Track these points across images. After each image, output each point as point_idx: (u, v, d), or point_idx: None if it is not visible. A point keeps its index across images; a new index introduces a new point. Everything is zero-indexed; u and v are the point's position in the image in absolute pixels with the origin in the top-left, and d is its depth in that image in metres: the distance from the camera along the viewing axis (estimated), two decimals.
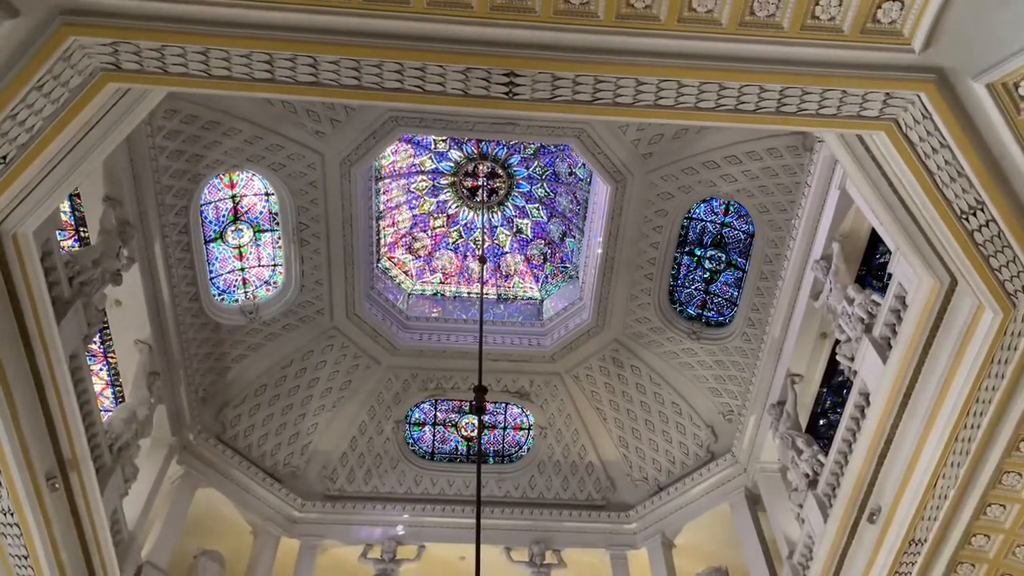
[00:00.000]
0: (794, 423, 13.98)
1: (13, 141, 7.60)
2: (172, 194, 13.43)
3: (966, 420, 9.32)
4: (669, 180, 14.86)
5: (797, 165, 13.35)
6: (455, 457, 19.30)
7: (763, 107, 7.98)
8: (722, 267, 16.35)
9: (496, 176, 18.64)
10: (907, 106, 7.69)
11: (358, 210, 15.72)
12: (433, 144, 18.04)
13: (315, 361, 17.39)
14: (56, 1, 6.87)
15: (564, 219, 19.22)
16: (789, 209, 13.87)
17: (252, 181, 15.46)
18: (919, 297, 9.48)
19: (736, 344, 16.03)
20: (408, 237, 19.65)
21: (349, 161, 14.75)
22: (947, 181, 8.11)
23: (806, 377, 14.46)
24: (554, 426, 18.77)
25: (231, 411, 16.62)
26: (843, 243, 12.44)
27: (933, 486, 9.85)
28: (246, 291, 16.45)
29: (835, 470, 11.88)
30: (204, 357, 15.68)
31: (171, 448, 15.00)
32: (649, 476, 17.98)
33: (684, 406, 17.39)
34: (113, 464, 12.16)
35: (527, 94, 7.91)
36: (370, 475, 18.24)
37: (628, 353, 17.63)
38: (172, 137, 12.88)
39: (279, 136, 14.09)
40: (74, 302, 10.52)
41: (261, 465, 16.99)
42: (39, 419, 9.93)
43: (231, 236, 15.83)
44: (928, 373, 9.63)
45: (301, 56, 7.48)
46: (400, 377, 18.39)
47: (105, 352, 14.58)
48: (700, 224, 16.11)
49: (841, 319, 11.74)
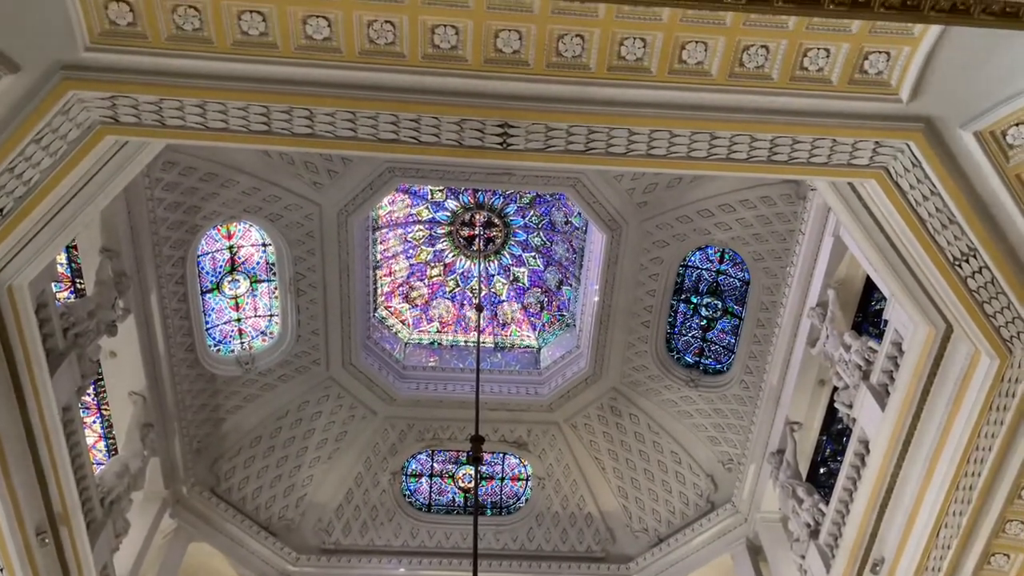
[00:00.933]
0: (794, 472, 13.85)
1: (10, 194, 7.65)
2: (169, 245, 13.47)
3: (967, 468, 9.24)
4: (664, 228, 14.94)
5: (791, 213, 13.45)
6: (452, 509, 19.04)
7: (755, 156, 8.07)
8: (719, 314, 16.36)
9: (492, 225, 18.75)
10: (897, 154, 7.78)
11: (355, 260, 15.76)
12: (430, 194, 18.18)
13: (311, 412, 17.25)
14: (56, 57, 6.97)
15: (560, 267, 19.28)
16: (784, 256, 13.93)
17: (249, 232, 15.53)
18: (915, 344, 9.47)
19: (734, 392, 15.96)
20: (405, 286, 19.67)
21: (346, 211, 14.84)
22: (939, 228, 8.17)
23: (805, 425, 14.36)
24: (552, 476, 18.55)
25: (225, 463, 16.43)
26: (838, 290, 12.48)
27: (936, 536, 9.71)
28: (242, 342, 16.40)
29: (837, 519, 11.73)
30: (199, 408, 15.56)
31: (164, 501, 14.80)
32: (649, 527, 17.72)
33: (683, 455, 17.22)
34: (104, 518, 11.97)
35: (521, 144, 8.01)
36: (366, 528, 17.97)
37: (626, 401, 17.52)
38: (170, 189, 12.97)
39: (277, 187, 14.19)
40: (68, 354, 10.47)
41: (255, 518, 16.73)
42: (30, 472, 9.80)
43: (228, 287, 15.84)
44: (927, 420, 9.58)
45: (297, 108, 7.57)
46: (396, 427, 18.23)
47: (99, 404, 14.46)
48: (696, 272, 16.16)
49: (838, 366, 11.70)
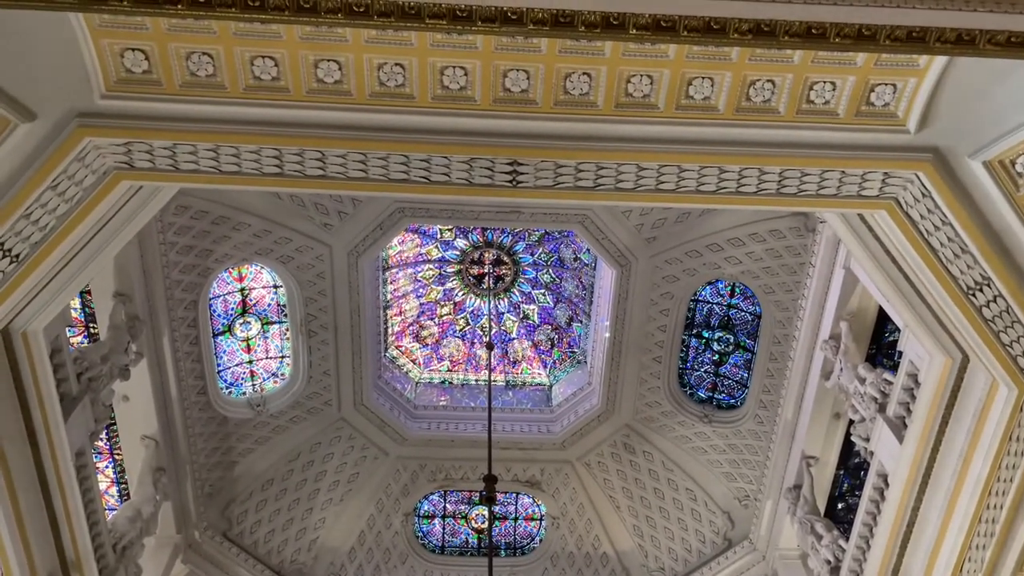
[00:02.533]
0: (812, 507, 13.65)
1: (27, 240, 7.73)
2: (181, 288, 13.55)
3: (988, 500, 9.07)
4: (674, 263, 14.95)
5: (801, 246, 13.44)
6: (466, 550, 18.82)
7: (764, 189, 8.10)
8: (731, 349, 16.28)
9: (502, 263, 18.80)
10: (906, 185, 7.80)
11: (365, 300, 15.81)
12: (439, 233, 18.28)
13: (323, 453, 17.16)
14: (72, 105, 7.09)
15: (570, 304, 19.28)
16: (795, 289, 13.89)
17: (261, 274, 15.61)
18: (932, 375, 9.38)
19: (749, 427, 15.80)
20: (415, 325, 19.69)
21: (357, 252, 14.92)
22: (951, 257, 8.14)
23: (822, 459, 14.18)
24: (567, 516, 18.33)
25: (238, 507, 16.32)
26: (851, 322, 12.41)
27: (960, 570, 9.51)
28: (254, 384, 16.39)
29: (857, 555, 11.52)
30: (211, 452, 15.51)
31: (176, 547, 14.68)
32: (666, 566, 17.43)
33: (699, 492, 17.01)
34: (117, 564, 11.87)
35: (530, 182, 8.07)
36: (379, 571, 17.75)
37: (639, 438, 17.37)
38: (182, 233, 13.08)
39: (287, 229, 14.29)
40: (82, 398, 10.49)
41: (268, 563, 16.57)
42: (43, 518, 9.77)
43: (239, 329, 15.89)
44: (946, 452, 9.45)
45: (309, 150, 7.67)
46: (408, 468, 18.09)
47: (111, 448, 14.43)
48: (707, 306, 16.13)
49: (854, 399, 11.59)
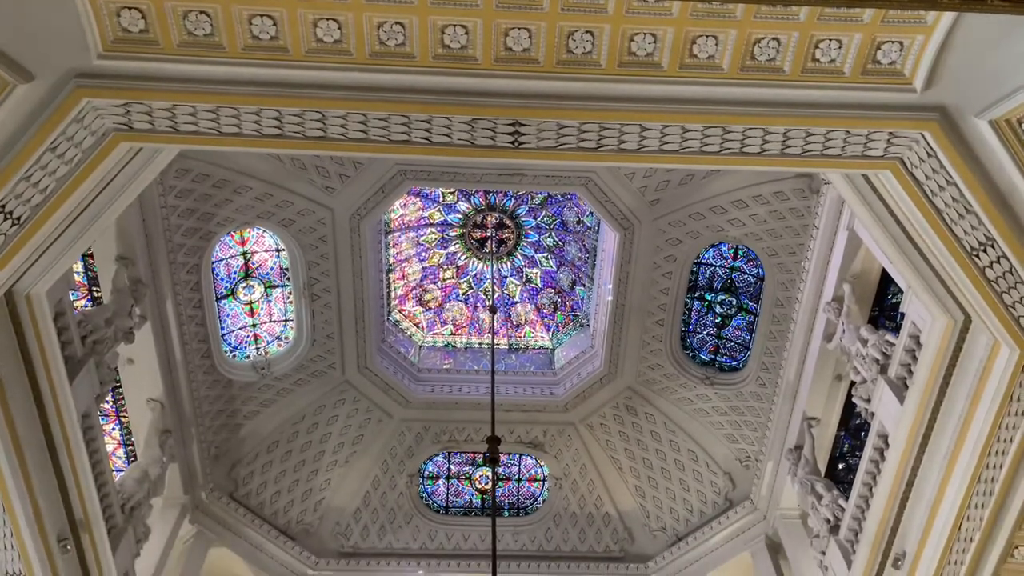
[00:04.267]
0: (812, 468, 13.76)
1: (27, 202, 7.71)
2: (184, 252, 13.55)
3: (988, 460, 9.14)
4: (677, 226, 14.90)
5: (804, 208, 13.37)
6: (470, 510, 19.04)
7: (768, 149, 8.03)
8: (733, 311, 16.29)
9: (504, 227, 18.75)
10: (911, 145, 7.73)
11: (368, 264, 15.80)
12: (441, 197, 18.20)
13: (327, 416, 17.30)
14: (70, 65, 7.03)
15: (573, 267, 19.26)
16: (798, 252, 13.85)
17: (263, 237, 15.59)
18: (933, 336, 9.39)
19: (750, 389, 15.87)
20: (418, 289, 19.70)
21: (358, 215, 14.88)
22: (955, 218, 8.10)
23: (823, 420, 14.27)
24: (569, 477, 18.52)
25: (243, 468, 16.50)
26: (854, 284, 12.39)
27: (958, 529, 9.62)
28: (257, 347, 16.47)
29: (857, 515, 11.64)
30: (216, 414, 15.63)
31: (183, 507, 14.88)
32: (667, 526, 17.65)
33: (700, 453, 17.15)
34: (125, 525, 12.04)
35: (533, 143, 8.01)
36: (384, 531, 17.99)
37: (642, 400, 17.48)
38: (183, 196, 13.05)
39: (289, 192, 14.25)
40: (87, 361, 10.55)
41: (274, 523, 16.79)
42: (51, 480, 9.88)
43: (242, 292, 15.91)
44: (947, 412, 9.49)
45: (309, 111, 7.60)
46: (413, 430, 18.26)
47: (117, 411, 14.56)
48: (709, 269, 16.11)
49: (856, 361, 11.62)
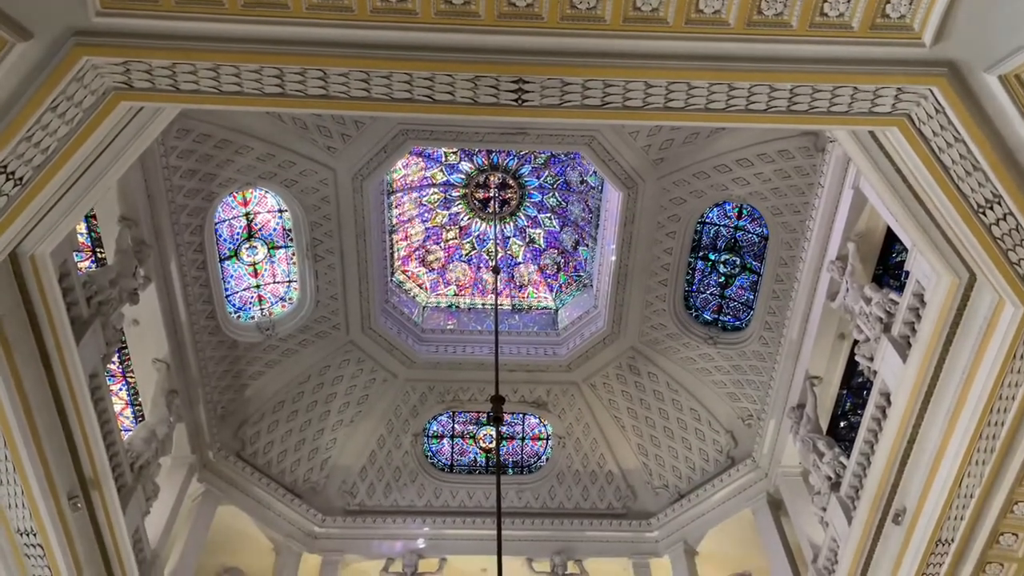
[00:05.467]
0: (814, 426, 13.86)
1: (29, 162, 7.67)
2: (186, 213, 13.52)
3: (990, 417, 9.19)
4: (681, 185, 14.82)
5: (809, 166, 13.28)
6: (474, 469, 19.26)
7: (774, 106, 7.95)
8: (737, 271, 16.28)
9: (507, 187, 18.66)
10: (920, 101, 7.64)
11: (371, 224, 15.77)
12: (444, 156, 18.10)
13: (332, 376, 17.42)
14: (68, 23, 6.94)
15: (576, 228, 19.21)
16: (803, 211, 13.79)
17: (265, 198, 15.55)
18: (938, 294, 9.39)
19: (753, 348, 15.93)
20: (421, 250, 19.69)
21: (361, 175, 14.82)
22: (963, 175, 8.04)
23: (825, 379, 14.34)
24: (572, 435, 18.69)
25: (250, 428, 16.66)
26: (858, 243, 12.36)
27: (958, 485, 9.72)
28: (262, 308, 16.51)
29: (858, 472, 11.76)
30: (222, 375, 15.74)
31: (191, 466, 15.05)
32: (669, 483, 17.85)
33: (703, 412, 17.28)
34: (134, 483, 12.19)
35: (536, 100, 7.92)
36: (390, 489, 18.22)
37: (645, 360, 17.56)
38: (185, 156, 12.98)
39: (291, 152, 14.17)
40: (92, 322, 10.59)
41: (281, 481, 17.01)
42: (60, 439, 9.99)
43: (245, 253, 15.92)
44: (949, 370, 9.53)
45: (311, 69, 7.52)
46: (417, 390, 18.39)
47: (124, 372, 14.66)
48: (713, 228, 16.06)
49: (859, 319, 11.64)
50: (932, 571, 10.43)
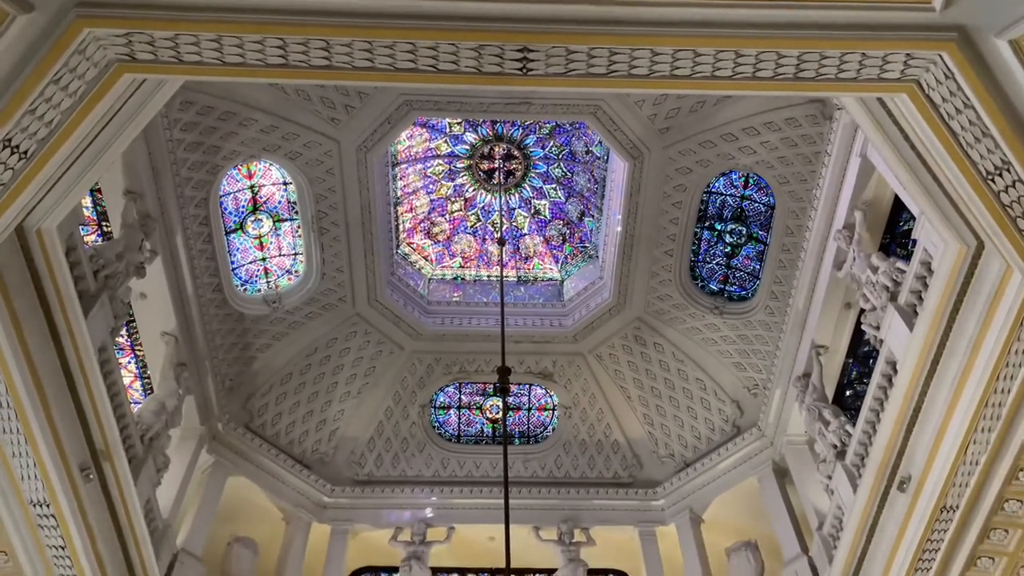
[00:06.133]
0: (820, 395, 13.90)
1: (33, 136, 7.66)
2: (191, 186, 13.52)
3: (996, 385, 9.19)
4: (687, 154, 14.74)
5: (817, 134, 13.19)
6: (481, 439, 19.39)
7: (781, 73, 7.86)
8: (743, 241, 16.23)
9: (512, 158, 18.58)
10: (929, 66, 7.55)
11: (375, 196, 15.76)
12: (448, 127, 18.01)
13: (339, 348, 17.50)
14: None
15: (582, 198, 19.14)
16: (810, 179, 13.71)
17: (270, 171, 15.53)
18: (945, 262, 9.35)
19: (759, 318, 15.93)
20: (426, 222, 19.67)
21: (365, 147, 14.77)
22: (972, 142, 7.97)
23: (831, 348, 14.36)
24: (578, 406, 18.78)
25: (258, 400, 16.78)
26: (866, 211, 12.31)
27: (964, 452, 9.75)
28: (268, 281, 16.56)
29: (863, 440, 11.81)
30: (229, 347, 15.83)
31: (201, 438, 15.19)
32: (675, 452, 17.95)
33: (708, 382, 17.33)
34: (145, 454, 12.34)
35: (541, 69, 7.85)
36: (397, 459, 18.36)
37: (650, 331, 17.59)
38: (189, 129, 12.95)
39: (294, 124, 14.13)
40: (100, 296, 10.65)
41: (290, 452, 17.15)
42: (70, 411, 10.09)
43: (251, 226, 15.93)
44: (956, 339, 9.52)
45: (314, 40, 7.45)
46: (424, 362, 18.47)
47: (132, 345, 14.75)
48: (720, 198, 16.00)
49: (865, 288, 11.62)
50: (936, 537, 10.50)
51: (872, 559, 11.64)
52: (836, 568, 12.50)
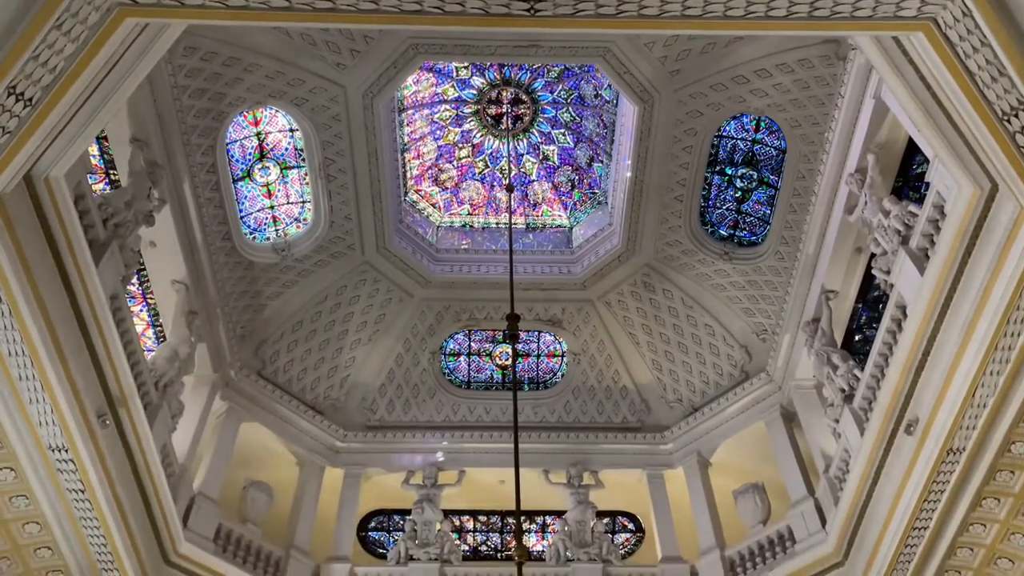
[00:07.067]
0: (829, 339, 13.92)
1: (38, 83, 7.60)
2: (197, 134, 13.44)
3: (1006, 328, 9.17)
4: (698, 97, 14.52)
5: (830, 76, 12.95)
6: (491, 385, 19.56)
7: (795, 12, 7.70)
8: (754, 185, 16.09)
9: (520, 102, 18.37)
10: (946, 4, 7.37)
11: (382, 143, 15.64)
12: (455, 72, 17.77)
13: (349, 296, 17.58)
14: None
15: (591, 144, 18.95)
16: (822, 122, 13.52)
17: (276, 118, 15.41)
18: (958, 205, 9.26)
19: (769, 263, 15.88)
20: (434, 169, 19.55)
21: (371, 92, 14.61)
22: (988, 82, 7.82)
23: (841, 293, 14.33)
24: (587, 352, 18.88)
25: (270, 347, 16.93)
26: (878, 154, 12.16)
27: (972, 395, 9.78)
28: (277, 229, 16.56)
29: (871, 384, 11.86)
30: (240, 295, 15.92)
31: (214, 385, 15.38)
32: (683, 398, 18.09)
33: (717, 327, 17.36)
34: (160, 401, 12.51)
35: (549, 10, 7.71)
36: (409, 405, 18.57)
37: (659, 277, 17.57)
38: (193, 75, 12.82)
39: (300, 70, 13.97)
40: (110, 244, 10.69)
41: (302, 399, 17.35)
42: (85, 358, 10.20)
43: (258, 174, 15.88)
44: (967, 282, 9.47)
45: None
46: (433, 309, 18.55)
47: (144, 293, 14.84)
48: (731, 142, 15.81)
49: (877, 232, 11.54)
50: (942, 479, 10.60)
51: (878, 500, 11.79)
52: (841, 509, 12.66)
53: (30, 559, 11.32)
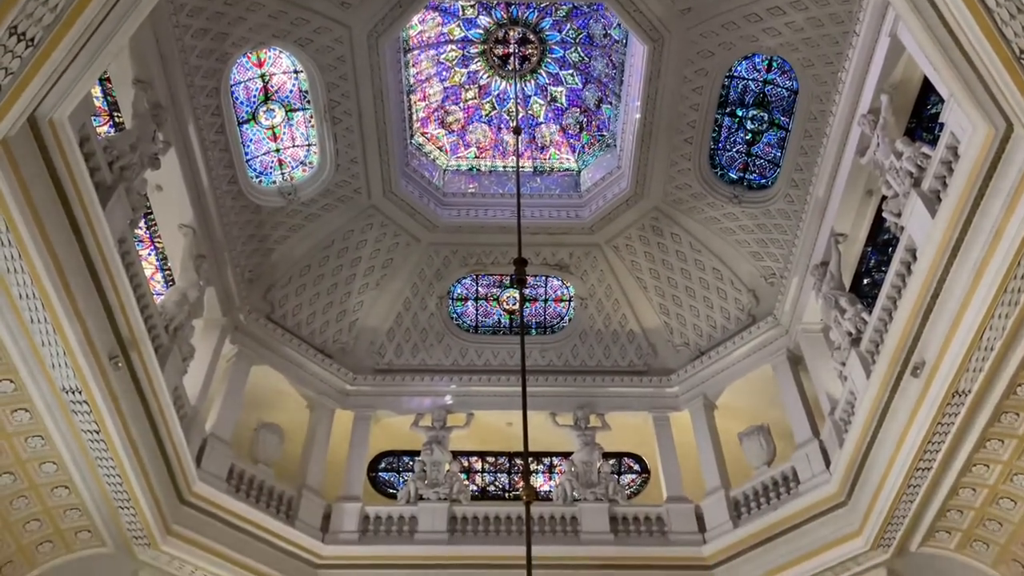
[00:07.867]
0: (838, 283, 13.89)
1: (39, 22, 7.48)
2: (201, 75, 13.28)
3: (1016, 271, 9.12)
4: (709, 37, 14.24)
5: (845, 13, 12.66)
6: (498, 330, 19.64)
7: None
8: (764, 127, 15.89)
9: (528, 42, 18.05)
10: None
11: (388, 84, 15.45)
12: (461, 11, 17.44)
13: (356, 240, 17.57)
14: None
15: (600, 85, 18.67)
16: (836, 62, 13.26)
17: (280, 59, 15.20)
18: (973, 145, 9.12)
19: (779, 206, 15.76)
20: (440, 111, 19.32)
21: (376, 32, 14.38)
22: (1006, 19, 7.63)
23: (850, 236, 14.26)
24: (595, 296, 18.91)
25: (278, 291, 17.00)
26: (892, 95, 11.96)
27: (979, 338, 9.78)
28: (283, 172, 16.48)
29: (879, 327, 11.87)
30: (247, 239, 15.92)
31: (223, 328, 15.49)
32: (690, 341, 18.15)
33: (725, 271, 17.33)
34: (170, 344, 12.62)
35: None
36: (417, 349, 18.70)
37: (668, 221, 17.48)
38: (195, 15, 12.60)
39: (304, 9, 13.72)
40: (116, 187, 10.65)
41: (311, 342, 17.49)
42: (95, 302, 10.25)
43: (263, 117, 15.73)
44: (979, 224, 9.38)
45: None
46: (440, 253, 18.55)
47: (152, 237, 14.86)
48: (742, 83, 15.56)
49: (888, 174, 11.41)
50: (947, 420, 10.68)
51: (882, 442, 11.89)
52: (846, 451, 12.79)
53: (47, 498, 11.58)
